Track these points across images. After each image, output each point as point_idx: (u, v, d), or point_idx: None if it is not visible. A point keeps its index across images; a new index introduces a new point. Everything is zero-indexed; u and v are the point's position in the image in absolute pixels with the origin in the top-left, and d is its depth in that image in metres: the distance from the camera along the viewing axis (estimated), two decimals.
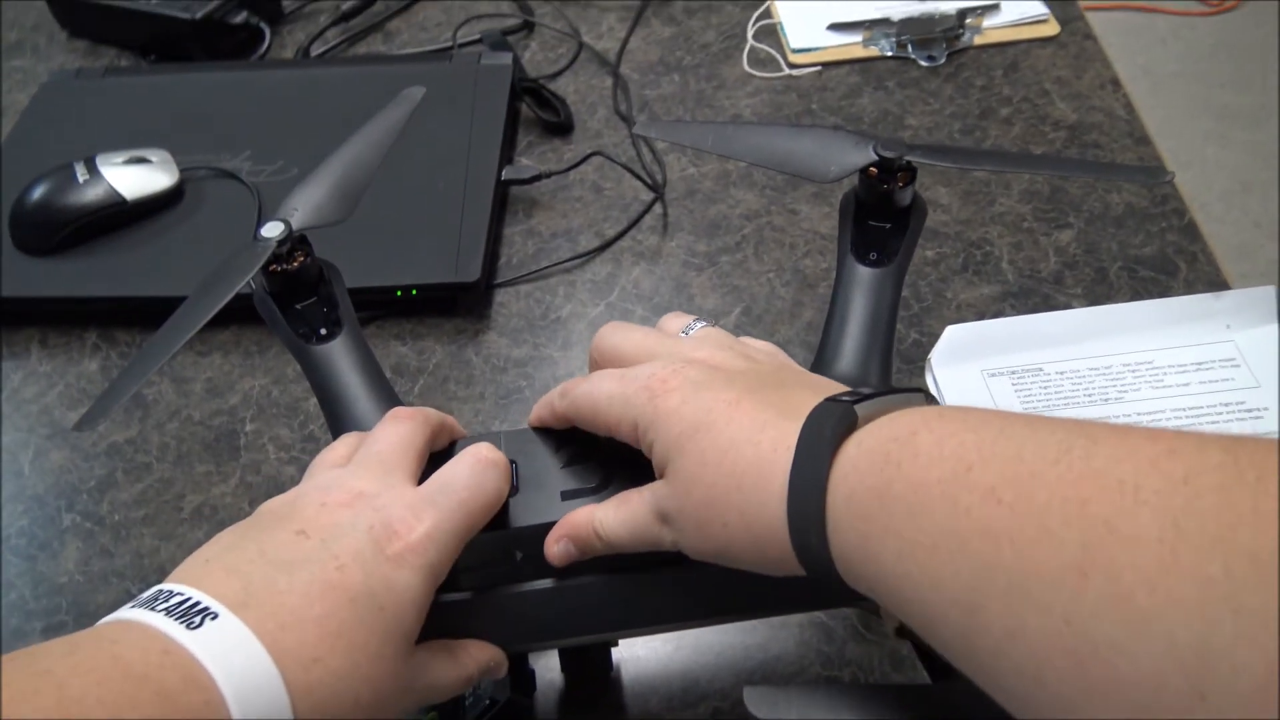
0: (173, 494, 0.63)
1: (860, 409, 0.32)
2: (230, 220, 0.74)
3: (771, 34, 0.90)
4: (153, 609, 0.31)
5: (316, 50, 0.91)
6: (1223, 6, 2.18)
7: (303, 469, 0.64)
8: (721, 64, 0.88)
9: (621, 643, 0.54)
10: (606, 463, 0.41)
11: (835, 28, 0.88)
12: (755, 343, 0.43)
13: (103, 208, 0.71)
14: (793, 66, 0.87)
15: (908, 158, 0.46)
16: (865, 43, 0.87)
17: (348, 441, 0.42)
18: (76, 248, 0.72)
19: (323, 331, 0.47)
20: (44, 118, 0.83)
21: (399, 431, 0.41)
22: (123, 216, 0.73)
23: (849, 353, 0.47)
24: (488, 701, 0.47)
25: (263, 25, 0.91)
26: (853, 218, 0.49)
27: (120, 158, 0.73)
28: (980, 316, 0.68)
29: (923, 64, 0.86)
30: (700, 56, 0.89)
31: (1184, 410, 0.61)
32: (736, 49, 0.89)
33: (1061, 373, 0.64)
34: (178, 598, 0.32)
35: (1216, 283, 0.69)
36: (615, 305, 0.71)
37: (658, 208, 0.77)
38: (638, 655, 0.54)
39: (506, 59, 0.84)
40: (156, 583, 0.34)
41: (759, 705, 0.28)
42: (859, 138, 0.47)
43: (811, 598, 0.42)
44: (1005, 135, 0.80)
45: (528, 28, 0.92)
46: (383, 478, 0.38)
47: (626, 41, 0.90)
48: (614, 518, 0.38)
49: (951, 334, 0.64)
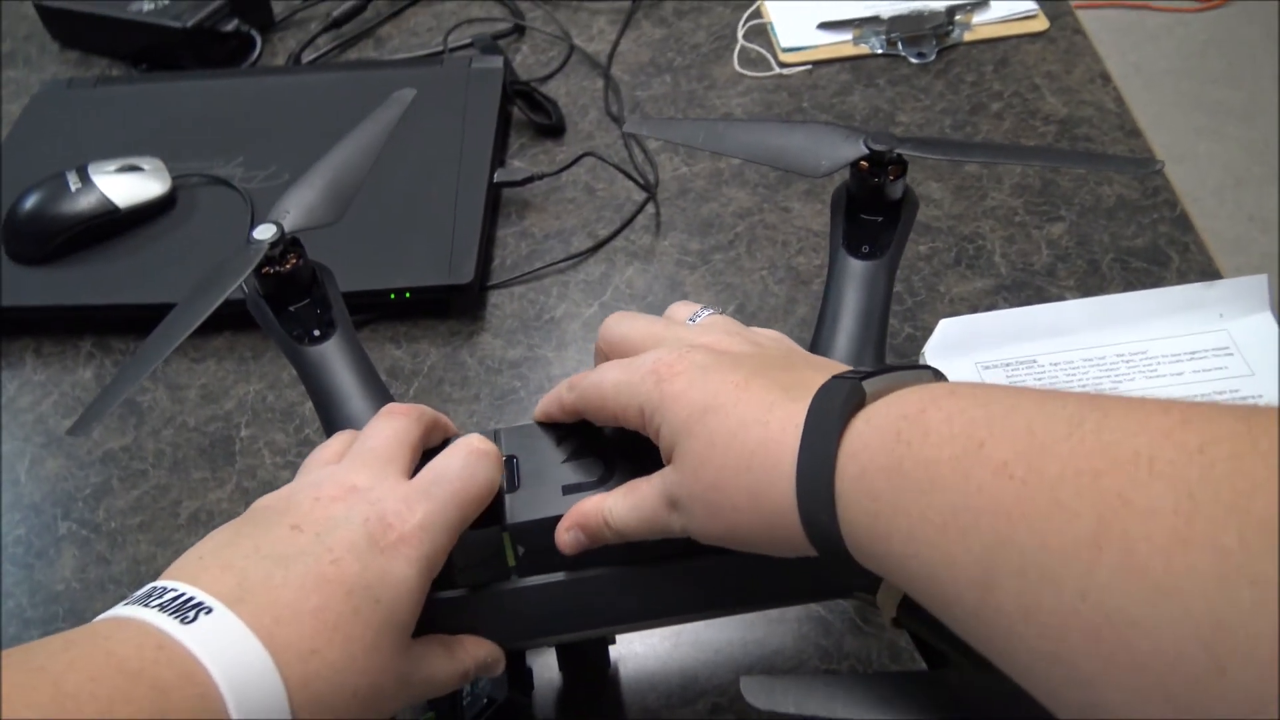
0: (169, 500, 0.63)
1: (868, 385, 0.32)
2: (224, 227, 0.74)
3: (762, 34, 0.90)
4: (146, 605, 0.31)
5: (308, 57, 0.91)
6: (1213, 3, 2.18)
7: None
8: (712, 64, 0.88)
9: (619, 640, 0.54)
10: (609, 456, 0.41)
11: (825, 26, 0.89)
12: (762, 330, 0.43)
13: (95, 216, 0.72)
14: (783, 66, 0.87)
15: (898, 151, 0.47)
16: (855, 41, 0.88)
17: (341, 439, 0.42)
18: (70, 256, 0.72)
19: (316, 333, 0.47)
20: (36, 128, 0.83)
21: (392, 426, 0.41)
22: (116, 225, 0.73)
23: (842, 346, 0.47)
24: (485, 700, 0.47)
25: (254, 33, 0.92)
26: (844, 212, 0.49)
27: (112, 166, 0.74)
28: (973, 310, 0.68)
29: (913, 61, 0.86)
30: (691, 57, 0.89)
31: (1179, 399, 0.61)
32: (727, 49, 0.89)
33: (1055, 364, 0.64)
34: (171, 593, 0.32)
35: (1209, 272, 0.69)
36: (609, 305, 0.71)
37: (650, 207, 0.77)
38: (636, 652, 0.54)
39: (497, 62, 0.84)
40: None
41: (756, 694, 0.28)
42: (849, 132, 0.48)
43: (813, 587, 0.42)
44: (996, 130, 0.80)
45: (518, 31, 0.92)
46: (376, 472, 0.38)
47: (617, 43, 0.90)
48: (623, 505, 0.37)
49: (945, 327, 0.64)
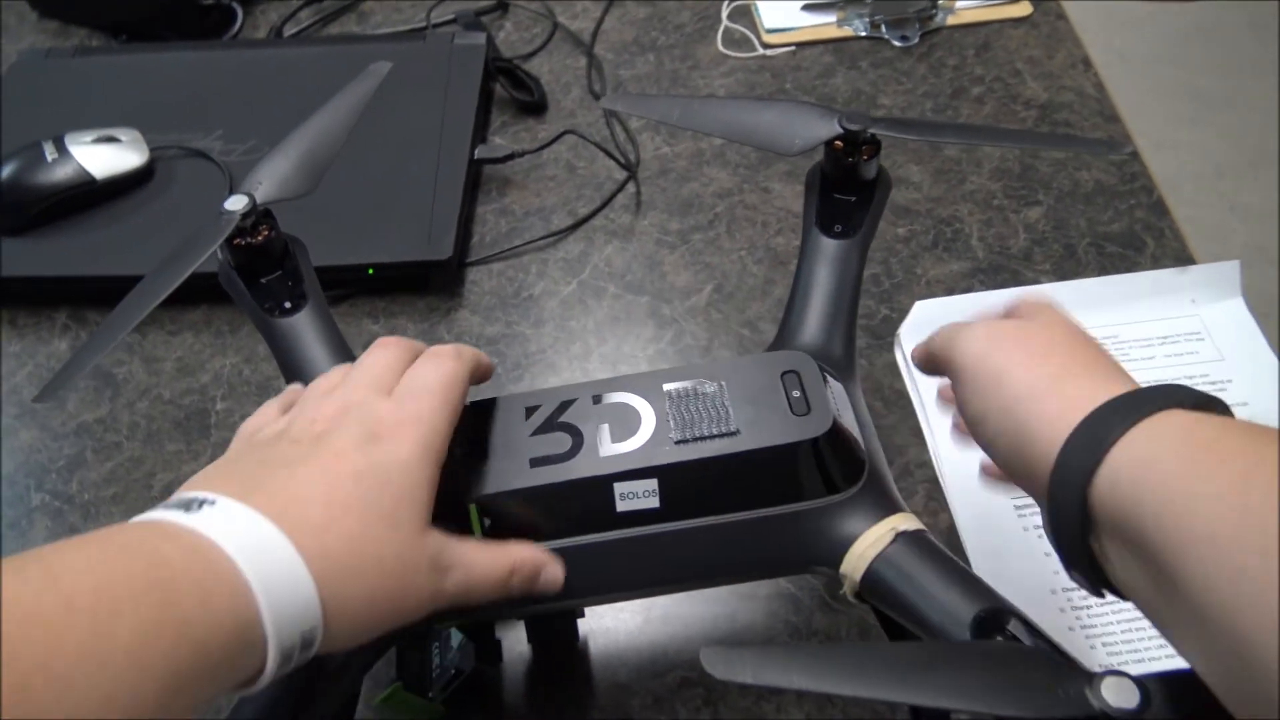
0: (142, 473, 0.63)
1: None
2: (201, 199, 0.73)
3: (746, 14, 0.90)
4: (148, 511, 0.31)
5: (289, 30, 0.91)
6: None
7: None
8: (696, 44, 0.88)
9: (588, 613, 0.54)
10: (575, 430, 0.42)
11: (809, 8, 0.89)
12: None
13: (72, 187, 0.71)
14: (767, 47, 0.87)
15: (871, 130, 0.47)
16: (839, 23, 0.88)
17: (337, 371, 0.42)
18: (45, 227, 0.72)
19: (287, 305, 0.47)
20: (13, 98, 0.83)
21: (385, 356, 0.41)
22: (92, 196, 0.72)
23: (813, 324, 0.47)
24: (453, 671, 0.48)
25: (235, 5, 0.91)
26: (818, 191, 0.50)
27: (89, 137, 0.73)
28: (950, 292, 0.69)
29: (896, 44, 0.86)
30: (675, 37, 0.89)
31: (1149, 383, 0.62)
32: (711, 29, 0.89)
33: None
34: (174, 498, 0.32)
35: (1183, 258, 0.70)
36: (587, 283, 0.72)
37: (631, 186, 0.77)
38: (605, 626, 0.55)
39: (480, 39, 0.84)
40: None
41: (714, 664, 0.29)
42: (824, 111, 0.48)
43: (779, 562, 0.42)
44: (977, 114, 0.80)
45: (502, 8, 0.92)
46: (369, 393, 0.39)
47: (601, 21, 0.90)
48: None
49: (920, 309, 0.65)
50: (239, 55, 0.86)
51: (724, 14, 0.90)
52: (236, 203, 0.46)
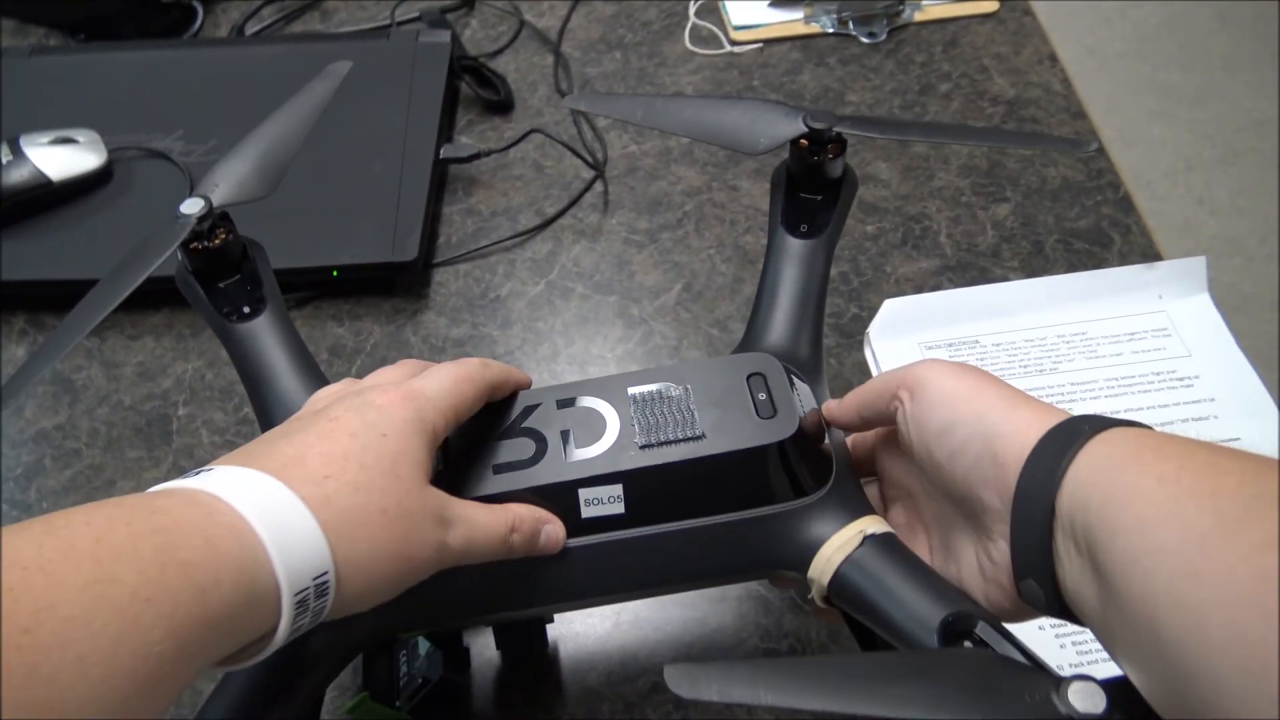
0: (103, 480, 0.62)
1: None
2: (160, 201, 0.72)
3: (713, 11, 0.89)
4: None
5: (251, 29, 0.89)
6: None
7: None
8: (663, 41, 0.87)
9: (558, 619, 0.54)
10: (539, 436, 0.41)
11: (776, 4, 0.88)
12: None
13: (27, 189, 0.70)
14: (734, 44, 0.86)
15: (837, 129, 0.46)
16: (806, 19, 0.87)
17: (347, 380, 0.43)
18: (1, 231, 0.70)
19: (246, 310, 0.46)
20: None
21: (400, 365, 0.42)
22: (49, 198, 0.71)
23: (779, 325, 0.47)
24: (420, 680, 0.47)
25: (195, 3, 0.89)
26: (784, 190, 0.49)
27: (46, 138, 0.72)
28: (919, 290, 0.69)
29: (864, 40, 0.86)
30: (642, 34, 0.88)
31: (1117, 380, 0.62)
32: (678, 26, 0.88)
33: (998, 344, 0.64)
34: (177, 474, 0.32)
35: (1150, 254, 0.70)
36: (555, 284, 0.71)
37: (598, 185, 0.76)
38: (575, 632, 0.54)
39: (445, 37, 0.83)
40: None
41: (679, 683, 0.28)
42: (789, 109, 0.47)
43: (746, 566, 0.42)
44: (945, 110, 0.80)
45: (468, 5, 0.91)
46: (374, 381, 0.39)
47: (568, 19, 0.89)
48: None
49: (890, 307, 0.64)
50: (200, 54, 0.85)
51: (691, 11, 0.89)
52: (192, 206, 0.45)
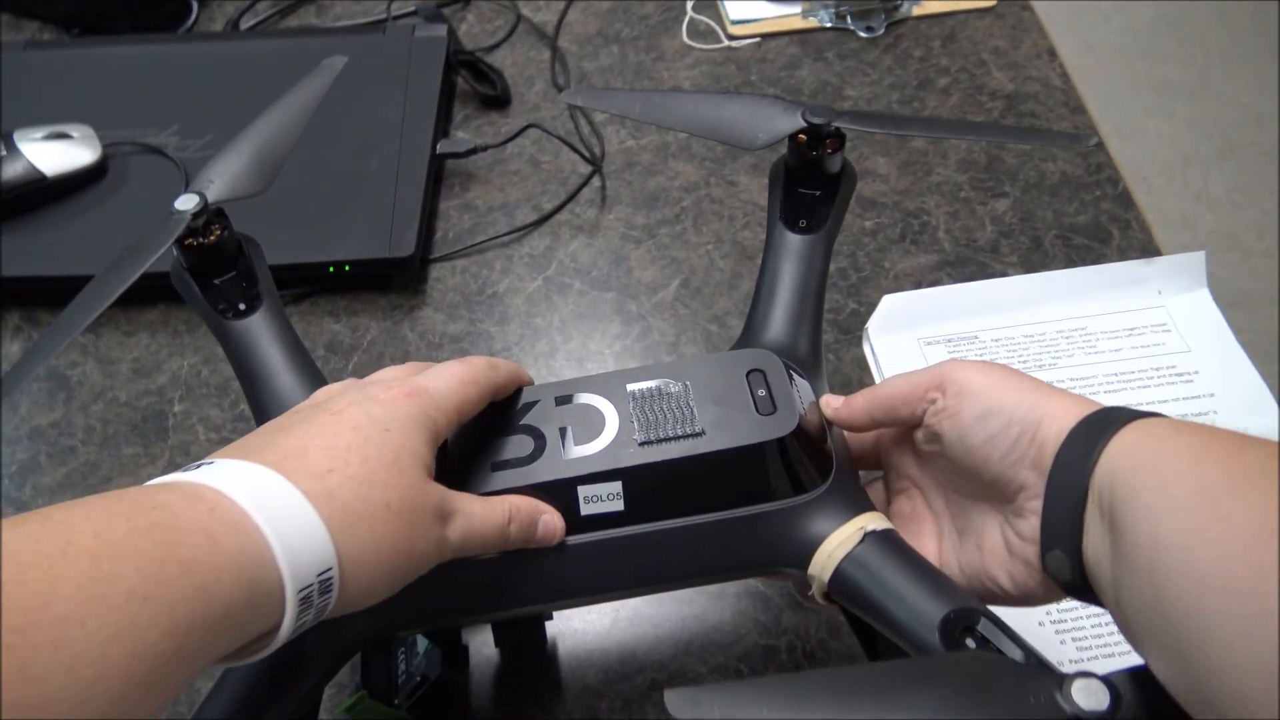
0: (99, 477, 0.62)
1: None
2: (156, 197, 0.71)
3: (710, 6, 0.89)
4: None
5: (246, 23, 0.89)
6: None
7: None
8: (661, 36, 0.87)
9: (556, 616, 0.54)
10: (537, 434, 0.41)
11: None
12: None
13: (21, 185, 0.69)
14: (732, 38, 0.86)
15: (835, 124, 0.46)
16: (804, 14, 0.87)
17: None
18: None
19: (241, 306, 0.46)
20: None
21: (404, 364, 0.42)
22: (43, 194, 0.70)
23: (778, 321, 0.46)
24: (419, 679, 0.47)
25: None
26: (782, 185, 0.49)
27: (40, 133, 0.71)
28: (917, 285, 0.68)
29: (862, 35, 0.85)
30: (639, 28, 0.88)
31: (1116, 375, 0.62)
32: (676, 21, 0.88)
33: (997, 340, 0.64)
34: (174, 470, 0.32)
35: (1149, 249, 0.70)
36: (553, 279, 0.71)
37: (596, 180, 0.76)
38: (574, 629, 0.54)
39: (441, 31, 0.82)
40: None
41: (680, 707, 0.28)
42: (787, 104, 0.47)
43: (747, 563, 0.41)
44: (943, 105, 0.80)
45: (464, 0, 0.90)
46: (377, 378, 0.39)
47: (565, 13, 0.89)
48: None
49: (888, 303, 0.64)
50: (195, 49, 0.84)
51: (689, 5, 0.89)
52: (187, 202, 0.44)
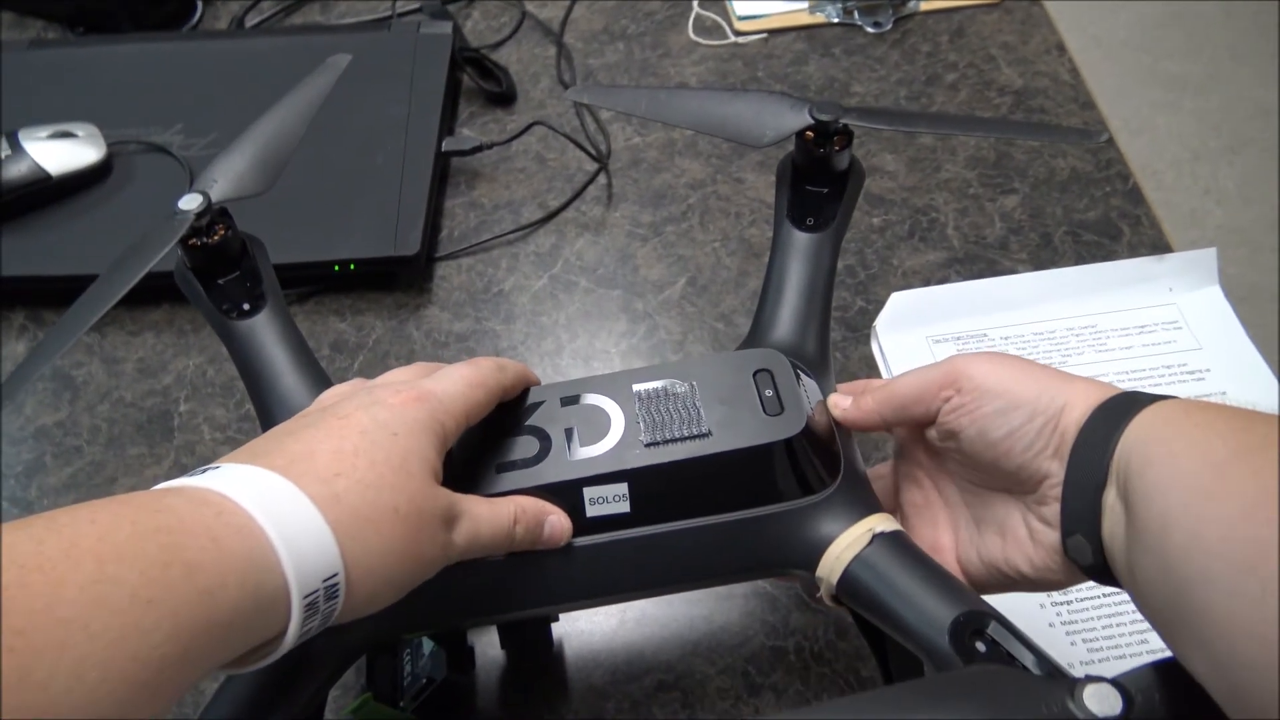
0: (104, 477, 0.61)
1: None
2: (161, 195, 0.71)
3: (717, 1, 0.88)
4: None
5: (251, 21, 0.89)
6: None
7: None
8: (667, 32, 0.87)
9: (563, 617, 0.53)
10: (542, 435, 0.41)
11: None
12: None
13: (26, 184, 0.69)
14: (738, 34, 0.86)
15: (843, 120, 0.46)
16: (811, 9, 0.86)
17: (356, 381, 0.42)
18: (0, 226, 0.70)
19: (246, 306, 0.46)
20: None
21: (413, 365, 0.41)
22: (48, 193, 0.70)
23: (786, 320, 0.46)
24: (425, 680, 0.46)
25: None
26: (790, 183, 0.49)
27: (44, 132, 0.71)
28: (926, 283, 0.68)
29: (869, 30, 0.85)
30: (645, 24, 0.87)
31: (1127, 373, 0.62)
32: (682, 16, 0.87)
33: (1006, 338, 0.64)
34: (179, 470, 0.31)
35: (1159, 245, 0.69)
36: (559, 277, 0.70)
37: (602, 178, 0.76)
38: (580, 629, 0.54)
39: (446, 28, 0.82)
40: None
41: None
42: (794, 101, 0.47)
43: (754, 565, 0.41)
44: (951, 101, 0.79)
45: None
46: (385, 380, 0.39)
47: (570, 10, 0.88)
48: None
49: (896, 301, 0.64)
50: (199, 47, 0.84)
51: (695, 1, 0.88)
52: (190, 202, 0.44)
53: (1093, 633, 0.52)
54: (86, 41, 0.87)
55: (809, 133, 0.46)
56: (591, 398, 0.41)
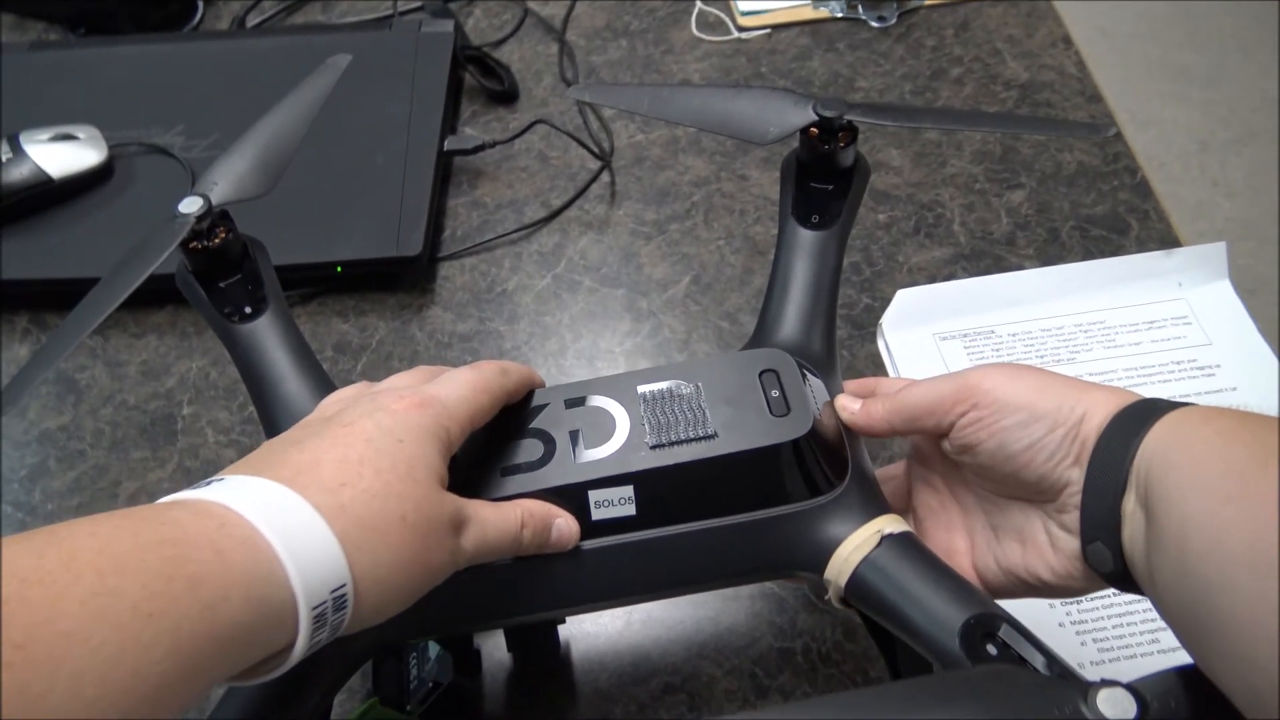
0: (107, 481, 0.61)
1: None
2: (162, 197, 0.70)
3: None
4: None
5: (252, 21, 0.88)
6: None
7: (243, 452, 0.62)
8: (669, 28, 0.86)
9: (570, 620, 0.53)
10: (546, 438, 0.40)
11: None
12: None
13: (28, 187, 0.69)
14: (742, 30, 0.85)
15: (848, 117, 0.45)
16: (815, 4, 0.86)
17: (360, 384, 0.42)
18: (2, 229, 0.69)
19: (247, 310, 0.45)
20: None
21: (419, 369, 0.41)
22: (50, 196, 0.70)
23: (791, 319, 0.46)
24: (431, 684, 0.46)
25: None
26: (794, 180, 0.48)
27: (46, 134, 0.71)
28: (932, 279, 0.67)
29: (873, 25, 0.84)
30: (648, 21, 0.87)
31: (1136, 369, 0.61)
32: (685, 12, 0.87)
33: (1014, 334, 0.63)
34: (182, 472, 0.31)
35: (1168, 240, 0.69)
36: (562, 277, 0.70)
37: (605, 176, 0.75)
38: (586, 632, 0.53)
39: (448, 26, 0.82)
40: None
41: None
42: (798, 97, 0.46)
43: (761, 567, 0.41)
44: (957, 95, 0.79)
45: None
46: (390, 384, 0.38)
47: (572, 7, 0.88)
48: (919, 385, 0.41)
49: (903, 298, 0.63)
50: (200, 47, 0.84)
51: None
52: (190, 205, 0.44)
53: (1103, 633, 0.51)
54: (87, 43, 0.87)
55: (813, 129, 0.46)
56: (596, 399, 0.41)
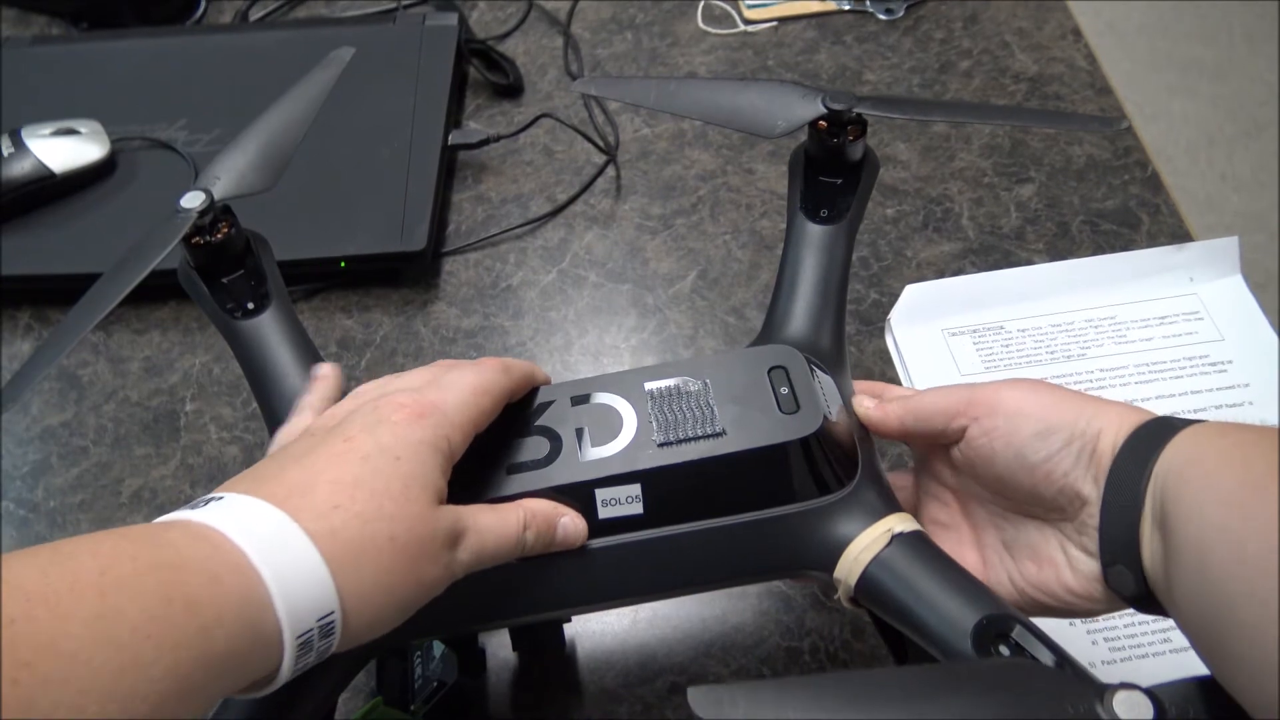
0: (110, 478, 0.61)
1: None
2: (165, 192, 0.69)
3: None
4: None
5: (255, 14, 0.88)
6: None
7: (246, 449, 0.62)
8: (675, 21, 0.85)
9: (575, 619, 0.53)
10: (553, 436, 0.40)
11: None
12: None
13: (30, 182, 0.68)
14: (748, 22, 0.84)
15: (857, 110, 0.45)
16: None
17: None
18: (4, 225, 0.69)
19: (250, 305, 0.45)
20: None
21: (429, 367, 0.40)
22: (52, 190, 0.70)
23: (800, 315, 0.45)
24: (435, 684, 0.46)
25: None
26: (802, 174, 0.47)
27: (47, 129, 0.70)
28: (941, 274, 0.67)
29: (881, 17, 0.84)
30: (654, 14, 0.86)
31: (1147, 365, 0.60)
32: (691, 5, 0.86)
33: (1023, 330, 0.63)
34: (185, 503, 0.31)
35: (1179, 234, 0.68)
36: (568, 272, 0.69)
37: (610, 170, 0.75)
38: (592, 630, 0.53)
39: (452, 19, 0.81)
40: None
41: (703, 705, 0.26)
42: (806, 90, 0.45)
43: (770, 566, 0.40)
44: (965, 88, 0.78)
45: None
46: (396, 386, 0.38)
47: (577, 0, 0.87)
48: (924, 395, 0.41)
49: (911, 293, 0.63)
50: (203, 41, 0.83)
51: None
52: (193, 200, 0.43)
53: (1114, 631, 0.51)
54: (90, 37, 0.86)
55: (822, 123, 0.45)
56: (602, 397, 0.40)
